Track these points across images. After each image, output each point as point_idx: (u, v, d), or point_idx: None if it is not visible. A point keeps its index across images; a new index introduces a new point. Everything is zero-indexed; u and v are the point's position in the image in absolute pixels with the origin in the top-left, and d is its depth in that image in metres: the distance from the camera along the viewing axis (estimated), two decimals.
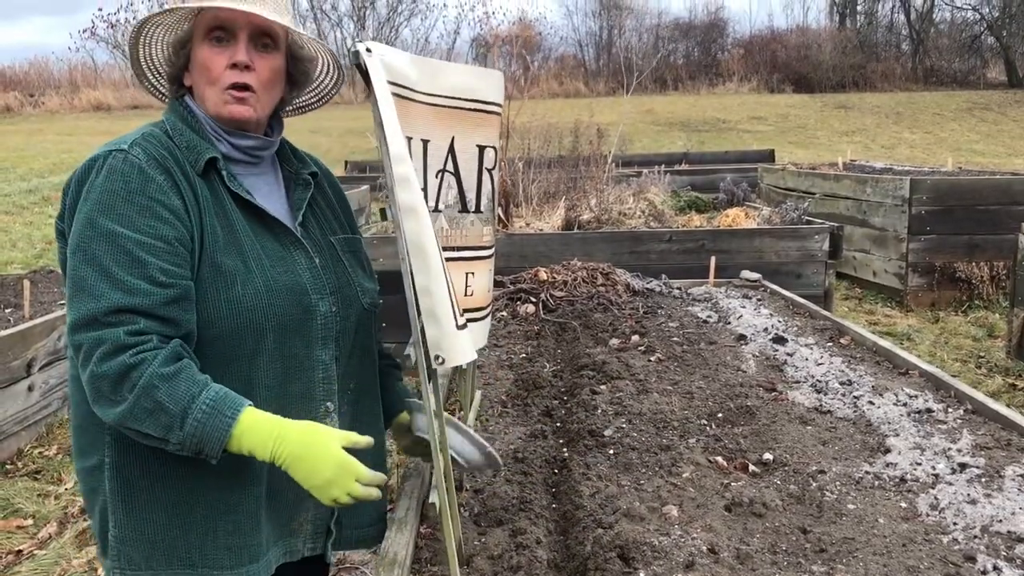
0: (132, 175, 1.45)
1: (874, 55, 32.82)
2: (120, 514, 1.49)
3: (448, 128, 2.12)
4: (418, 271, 1.76)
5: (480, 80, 2.23)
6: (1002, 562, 1.77)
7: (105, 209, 1.43)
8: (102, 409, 1.38)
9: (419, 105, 1.99)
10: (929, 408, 2.66)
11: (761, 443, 2.52)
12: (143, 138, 1.52)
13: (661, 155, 17.04)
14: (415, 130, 1.99)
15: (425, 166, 2.04)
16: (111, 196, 1.44)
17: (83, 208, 1.44)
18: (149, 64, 1.67)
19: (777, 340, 3.54)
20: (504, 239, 6.00)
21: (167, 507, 1.49)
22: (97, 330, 1.36)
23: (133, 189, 1.45)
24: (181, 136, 1.55)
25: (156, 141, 1.53)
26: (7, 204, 12.87)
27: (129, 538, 1.49)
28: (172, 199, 1.46)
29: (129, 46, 1.65)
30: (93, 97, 30.28)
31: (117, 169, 1.46)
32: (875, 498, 2.14)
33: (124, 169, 1.46)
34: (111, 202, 1.43)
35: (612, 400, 2.90)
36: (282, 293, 1.53)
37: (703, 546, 1.88)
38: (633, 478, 2.29)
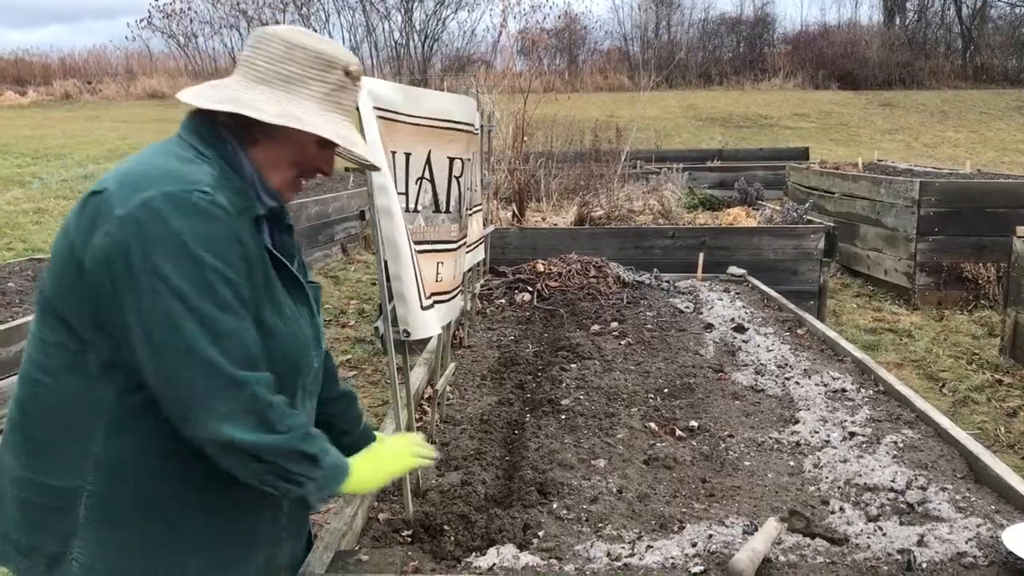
0: (222, 221, 1.45)
1: (923, 52, 32.48)
2: (92, 544, 1.47)
3: (426, 143, 2.59)
4: (391, 260, 2.27)
5: (454, 105, 2.71)
6: (848, 504, 2.18)
7: (207, 255, 1.43)
8: (254, 434, 1.43)
9: (403, 125, 2.47)
10: (844, 388, 3.06)
11: (693, 413, 2.94)
12: (215, 181, 1.49)
13: (696, 151, 17.31)
14: (399, 145, 2.47)
15: (407, 174, 2.51)
16: (211, 241, 1.43)
17: (176, 251, 1.41)
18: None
19: (737, 329, 3.94)
20: (517, 232, 6.44)
21: (154, 550, 1.50)
22: (246, 389, 1.44)
23: (225, 236, 1.45)
24: (233, 185, 1.53)
25: (226, 186, 1.51)
26: (64, 189, 13.54)
27: (95, 569, 1.48)
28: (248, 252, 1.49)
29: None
30: (148, 85, 31.25)
31: (204, 211, 1.43)
32: (771, 458, 2.55)
33: (213, 213, 1.44)
34: (214, 248, 1.43)
35: (577, 376, 3.34)
36: (299, 349, 1.58)
37: (614, 488, 2.32)
38: (575, 438, 2.73)
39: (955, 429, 2.58)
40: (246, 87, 1.58)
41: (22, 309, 4.97)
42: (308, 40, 1.61)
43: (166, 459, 1.50)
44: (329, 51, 1.62)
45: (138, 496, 1.49)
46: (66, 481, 1.48)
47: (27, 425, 1.52)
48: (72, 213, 1.52)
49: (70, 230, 1.49)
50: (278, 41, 1.59)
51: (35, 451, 1.51)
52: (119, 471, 1.48)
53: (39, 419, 1.50)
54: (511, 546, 1.95)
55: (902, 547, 1.92)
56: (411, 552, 1.98)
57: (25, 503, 1.51)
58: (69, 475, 1.48)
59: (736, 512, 2.18)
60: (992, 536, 1.94)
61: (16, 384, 1.57)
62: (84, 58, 35.08)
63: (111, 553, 1.48)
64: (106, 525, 1.48)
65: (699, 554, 1.91)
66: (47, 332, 1.51)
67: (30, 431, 1.52)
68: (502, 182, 7.37)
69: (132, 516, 1.49)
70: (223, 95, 1.57)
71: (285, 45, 1.59)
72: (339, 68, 1.62)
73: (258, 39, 1.61)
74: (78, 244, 1.45)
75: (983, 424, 5.02)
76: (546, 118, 9.49)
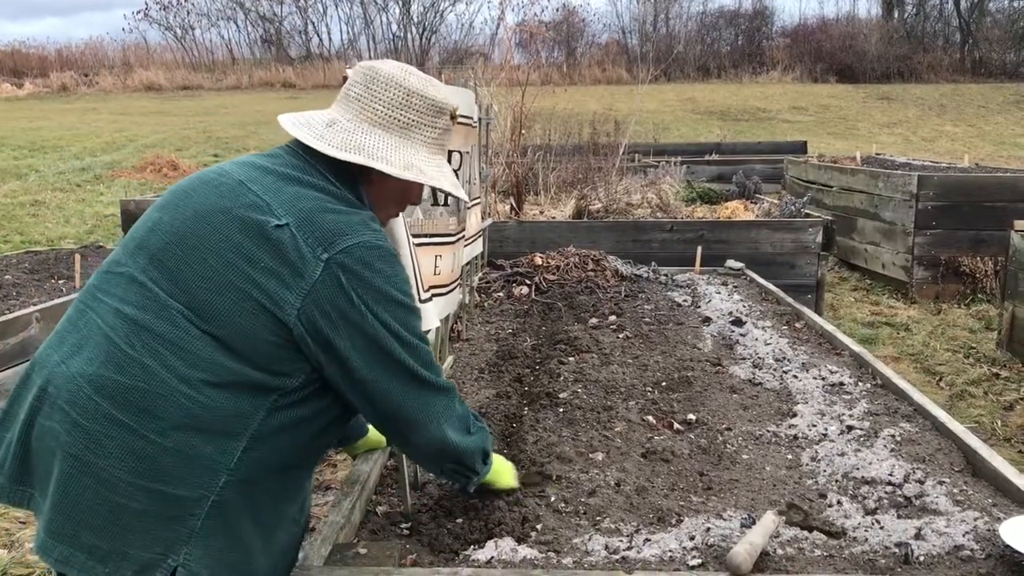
0: (399, 263, 1.64)
1: (921, 46, 32.47)
2: (200, 552, 1.49)
3: None
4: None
5: (453, 97, 2.69)
6: (845, 498, 2.18)
7: (401, 295, 1.62)
8: (459, 437, 1.79)
9: None
10: (842, 382, 3.06)
11: (691, 407, 2.95)
12: (377, 223, 1.66)
13: (694, 144, 17.27)
14: None
15: None
16: (401, 282, 1.63)
17: (384, 294, 1.58)
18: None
19: (735, 322, 3.94)
20: (515, 226, 6.44)
21: (251, 555, 1.57)
22: (453, 398, 1.78)
23: (404, 276, 1.65)
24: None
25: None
26: (61, 181, 13.53)
27: (204, 574, 1.50)
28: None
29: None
30: (145, 77, 31.19)
31: (392, 256, 1.62)
32: (768, 451, 2.56)
33: (395, 256, 1.64)
34: (406, 289, 1.64)
35: (575, 370, 3.35)
36: None
37: (611, 481, 2.32)
38: (573, 431, 2.73)
39: (952, 423, 2.59)
40: (364, 131, 1.69)
41: (19, 302, 4.97)
42: (422, 86, 1.73)
43: (282, 473, 1.61)
44: (440, 98, 1.76)
45: (253, 507, 1.55)
46: (191, 490, 1.49)
47: (152, 432, 1.48)
48: (227, 234, 1.55)
49: (242, 258, 1.52)
50: (396, 87, 1.70)
51: (158, 459, 1.47)
52: (246, 484, 1.53)
53: (173, 428, 1.48)
54: (509, 539, 1.95)
55: (899, 540, 1.92)
56: (409, 545, 1.98)
57: (122, 509, 1.47)
58: (197, 485, 1.49)
59: (734, 505, 2.18)
60: (989, 529, 1.95)
61: (118, 383, 1.49)
62: (81, 50, 35.03)
63: (213, 560, 1.51)
64: (218, 534, 1.51)
65: (697, 547, 1.91)
66: (196, 345, 1.51)
67: (157, 438, 1.48)
68: (500, 175, 7.36)
69: (241, 525, 1.54)
70: (347, 140, 1.66)
71: (404, 92, 1.71)
72: (447, 113, 1.78)
73: (374, 80, 1.72)
74: (266, 278, 1.51)
75: (980, 418, 5.04)
76: (544, 111, 9.49)
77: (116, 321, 1.54)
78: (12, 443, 1.59)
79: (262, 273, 1.51)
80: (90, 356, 1.53)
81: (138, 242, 1.63)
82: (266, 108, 25.18)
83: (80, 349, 1.56)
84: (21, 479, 1.59)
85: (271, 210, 1.55)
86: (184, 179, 1.76)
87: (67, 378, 1.54)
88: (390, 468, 2.48)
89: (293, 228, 1.52)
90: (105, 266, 1.67)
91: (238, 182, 1.62)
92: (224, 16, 35.54)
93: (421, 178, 1.69)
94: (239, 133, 19.85)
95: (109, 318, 1.56)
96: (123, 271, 1.61)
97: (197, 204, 1.62)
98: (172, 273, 1.55)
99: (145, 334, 1.51)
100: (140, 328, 1.52)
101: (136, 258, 1.60)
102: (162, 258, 1.57)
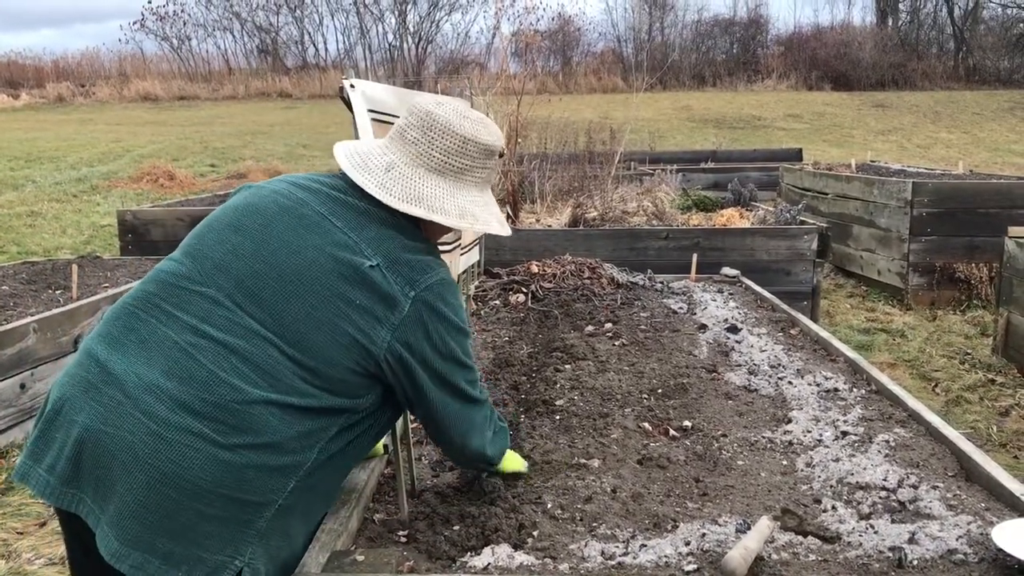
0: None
1: (915, 53, 32.61)
2: (260, 550, 1.60)
3: None
4: None
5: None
6: (840, 503, 2.19)
7: (466, 325, 1.86)
8: (493, 448, 2.09)
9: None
10: (836, 388, 3.08)
11: (687, 413, 2.96)
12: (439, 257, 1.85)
13: (689, 153, 17.33)
14: None
15: None
16: (464, 313, 1.86)
17: (456, 326, 1.80)
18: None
19: (731, 329, 3.96)
20: (511, 234, 6.45)
21: (291, 550, 1.74)
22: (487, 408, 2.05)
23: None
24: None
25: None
26: (58, 192, 13.54)
27: (259, 572, 1.61)
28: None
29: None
30: (142, 88, 31.23)
31: (458, 289, 1.89)
32: (763, 457, 2.57)
33: (457, 286, 1.90)
34: (465, 317, 1.87)
35: (572, 377, 3.36)
36: None
37: (608, 487, 2.33)
38: (569, 438, 2.74)
39: (946, 428, 2.60)
40: (421, 178, 1.81)
41: (16, 312, 4.97)
42: (475, 132, 1.84)
43: (336, 474, 1.81)
44: (491, 141, 1.87)
45: (306, 506, 1.71)
46: (265, 497, 1.60)
47: (239, 446, 1.56)
48: (323, 273, 1.67)
49: (339, 296, 1.66)
50: (454, 136, 1.81)
51: (242, 470, 1.56)
52: (308, 488, 1.67)
53: (260, 444, 1.58)
54: (506, 545, 1.96)
55: (893, 544, 1.93)
56: (407, 552, 1.99)
57: (201, 515, 1.54)
58: (270, 491, 1.60)
59: (729, 511, 2.19)
60: (982, 533, 1.96)
61: (204, 400, 1.56)
62: (77, 61, 35.08)
63: (269, 557, 1.63)
64: (276, 532, 1.64)
65: (692, 553, 1.93)
66: (283, 372, 1.63)
67: (244, 452, 1.57)
68: (496, 183, 7.39)
69: (293, 523, 1.69)
70: (407, 191, 1.78)
71: (460, 141, 1.82)
72: (496, 154, 1.90)
73: (431, 128, 1.82)
74: (360, 315, 1.66)
75: (976, 423, 5.05)
76: (540, 120, 9.52)
77: (197, 339, 1.61)
78: (67, 446, 1.61)
79: (357, 311, 1.66)
80: (167, 369, 1.59)
81: (216, 263, 1.69)
82: (262, 118, 25.24)
83: (151, 361, 1.60)
84: (72, 482, 1.61)
85: (361, 250, 1.69)
86: (251, 197, 1.81)
87: (142, 388, 1.57)
88: (387, 476, 2.49)
89: (383, 268, 1.68)
90: (170, 278, 1.71)
91: (321, 215, 1.73)
92: (220, 26, 35.60)
93: (476, 226, 1.85)
94: (236, 143, 19.88)
95: (187, 335, 1.62)
96: (201, 291, 1.67)
97: (285, 237, 1.71)
98: (263, 302, 1.65)
99: (234, 357, 1.60)
100: (228, 351, 1.60)
101: (216, 279, 1.68)
102: (251, 286, 1.66)
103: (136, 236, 7.65)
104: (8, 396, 4.33)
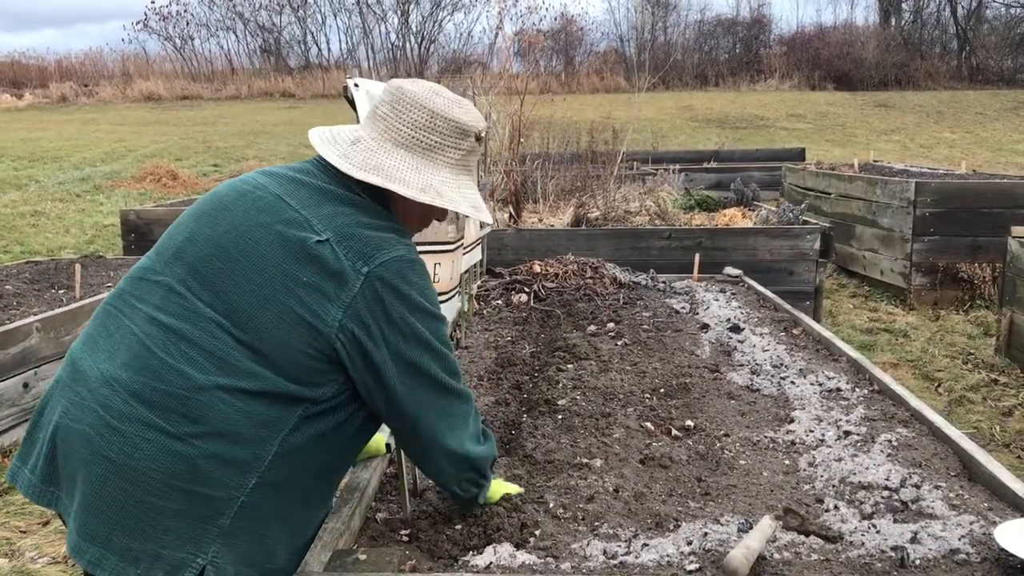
0: (429, 277, 1.73)
1: (918, 53, 32.57)
2: (225, 549, 1.54)
3: None
4: None
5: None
6: (842, 503, 2.19)
7: (434, 307, 1.71)
8: (478, 447, 1.89)
9: None
10: (839, 388, 3.08)
11: (689, 413, 2.96)
12: (408, 236, 1.74)
13: (692, 152, 17.34)
14: None
15: None
16: (433, 295, 1.71)
17: (418, 306, 1.65)
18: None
19: (733, 329, 3.96)
20: (514, 233, 6.46)
21: (266, 553, 1.63)
22: (473, 406, 1.88)
23: (433, 289, 1.74)
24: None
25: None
26: (61, 192, 13.57)
27: (226, 572, 1.55)
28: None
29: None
30: (145, 88, 31.27)
31: (424, 270, 1.70)
32: (766, 457, 2.57)
33: (426, 270, 1.72)
34: (435, 300, 1.73)
35: (574, 376, 3.36)
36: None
37: (610, 487, 2.33)
38: (572, 437, 2.74)
39: (949, 428, 2.60)
40: (387, 151, 1.73)
41: (19, 312, 4.98)
42: (447, 108, 1.75)
43: (314, 477, 1.67)
44: (465, 119, 1.77)
45: (281, 509, 1.61)
46: (224, 492, 1.54)
47: (190, 436, 1.52)
48: (270, 250, 1.60)
49: (284, 273, 1.58)
50: (421, 109, 1.73)
51: (195, 461, 1.52)
52: (275, 486, 1.58)
53: (211, 433, 1.53)
54: (508, 544, 1.96)
55: (896, 544, 1.93)
56: (409, 551, 1.99)
57: (157, 509, 1.51)
58: (229, 487, 1.54)
59: (731, 510, 2.19)
60: (985, 533, 1.96)
61: (156, 389, 1.53)
62: (80, 61, 35.12)
63: (237, 557, 1.56)
64: (244, 532, 1.56)
65: (694, 552, 1.93)
66: (234, 356, 1.57)
67: (196, 442, 1.52)
68: (499, 183, 7.39)
69: (268, 526, 1.60)
70: (368, 160, 1.70)
71: (428, 114, 1.73)
72: (472, 135, 1.78)
73: (400, 100, 1.75)
74: (308, 293, 1.56)
75: (978, 423, 5.05)
76: (543, 119, 9.53)
77: (152, 328, 1.58)
78: (44, 444, 1.63)
79: (304, 288, 1.56)
80: (124, 361, 1.57)
81: (174, 251, 1.67)
82: (265, 118, 25.26)
83: (113, 354, 1.59)
84: (50, 480, 1.63)
85: (311, 226, 1.60)
86: (218, 188, 1.80)
87: (101, 382, 1.57)
88: (389, 475, 2.49)
89: (333, 243, 1.58)
90: (138, 272, 1.71)
91: (276, 196, 1.67)
92: (223, 26, 35.65)
93: (438, 201, 1.72)
94: (238, 143, 19.90)
95: (144, 325, 1.60)
96: (159, 279, 1.65)
97: (236, 218, 1.66)
98: (212, 285, 1.60)
99: (184, 343, 1.56)
100: (179, 337, 1.56)
101: (173, 267, 1.65)
102: (201, 270, 1.62)
103: (139, 236, 7.66)
104: (11, 395, 4.34)
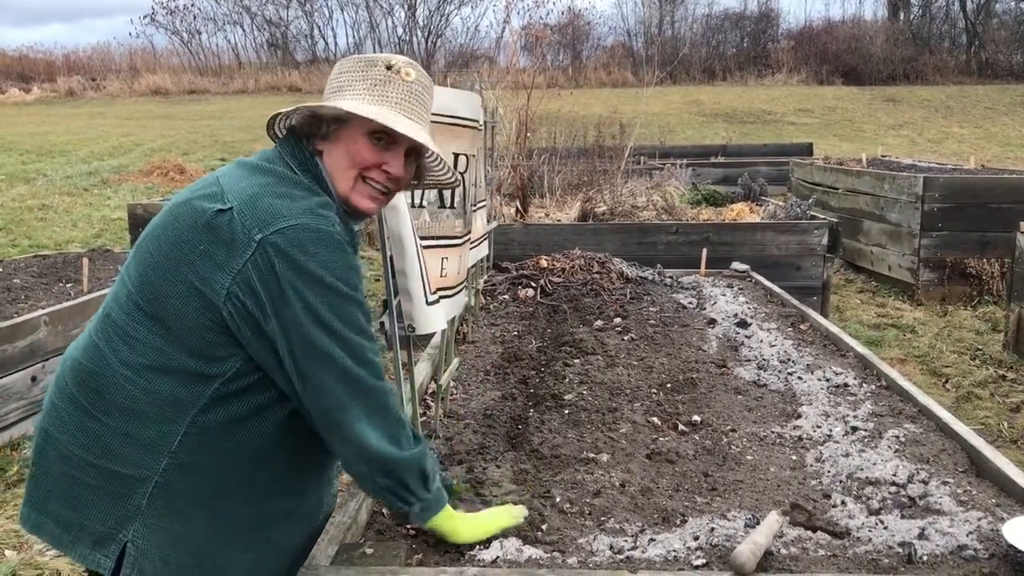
0: (345, 251, 1.59)
1: (927, 47, 32.42)
2: (146, 530, 1.57)
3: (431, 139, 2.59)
4: (396, 256, 2.27)
5: (458, 100, 2.71)
6: (850, 498, 2.19)
7: (340, 283, 1.57)
8: (393, 447, 1.63)
9: None
10: (846, 383, 3.07)
11: (696, 408, 2.96)
12: (330, 210, 1.62)
13: (699, 147, 17.31)
14: None
15: None
16: (342, 270, 1.57)
17: (316, 280, 1.53)
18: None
19: (740, 324, 3.95)
20: (521, 228, 6.46)
21: (198, 536, 1.61)
22: (384, 396, 1.65)
23: (350, 265, 1.60)
24: (337, 212, 1.66)
25: (335, 214, 1.63)
26: (68, 186, 13.61)
27: (149, 553, 1.57)
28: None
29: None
30: (152, 82, 31.32)
31: (335, 242, 1.56)
32: (773, 452, 2.57)
33: (340, 243, 1.58)
34: (348, 278, 1.58)
35: (580, 371, 3.36)
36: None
37: (616, 481, 2.33)
38: (578, 432, 2.74)
39: (957, 423, 2.59)
40: (313, 100, 1.73)
41: (27, 305, 5.00)
42: (356, 55, 1.77)
43: (249, 464, 1.63)
44: (373, 55, 1.76)
45: (197, 490, 1.60)
46: (135, 471, 1.57)
47: (99, 412, 1.59)
48: (180, 221, 1.59)
49: (185, 242, 1.56)
50: (339, 63, 1.76)
51: (104, 437, 1.58)
52: (190, 467, 1.58)
53: (116, 409, 1.58)
54: (515, 539, 1.96)
55: (903, 540, 1.93)
56: (415, 545, 1.99)
57: (77, 482, 1.59)
58: (139, 465, 1.57)
59: (738, 506, 2.19)
60: (993, 529, 1.96)
61: (81, 366, 1.64)
62: (88, 55, 35.22)
63: (162, 539, 1.58)
64: (164, 514, 1.58)
65: (701, 547, 1.92)
66: (140, 331, 1.59)
67: (103, 418, 1.59)
68: (506, 178, 7.39)
69: (186, 507, 1.59)
70: (305, 101, 1.73)
71: (339, 64, 1.75)
72: (379, 64, 1.72)
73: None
74: (201, 260, 1.54)
75: (986, 419, 5.04)
76: (549, 114, 9.52)
77: (99, 314, 1.70)
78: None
79: (200, 256, 1.54)
80: (78, 344, 1.72)
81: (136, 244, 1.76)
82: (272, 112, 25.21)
83: (80, 348, 1.72)
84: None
85: (221, 196, 1.58)
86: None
87: (59, 363, 1.74)
88: None
89: (235, 212, 1.54)
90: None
91: (215, 177, 1.68)
92: (230, 20, 35.71)
93: (342, 104, 1.64)
94: (245, 137, 19.91)
95: (99, 312, 1.72)
96: (121, 273, 1.73)
97: (173, 200, 1.71)
98: (138, 264, 1.65)
99: (106, 321, 1.65)
100: (105, 315, 1.66)
101: (130, 258, 1.74)
102: (136, 252, 1.68)
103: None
104: (19, 388, 4.36)
